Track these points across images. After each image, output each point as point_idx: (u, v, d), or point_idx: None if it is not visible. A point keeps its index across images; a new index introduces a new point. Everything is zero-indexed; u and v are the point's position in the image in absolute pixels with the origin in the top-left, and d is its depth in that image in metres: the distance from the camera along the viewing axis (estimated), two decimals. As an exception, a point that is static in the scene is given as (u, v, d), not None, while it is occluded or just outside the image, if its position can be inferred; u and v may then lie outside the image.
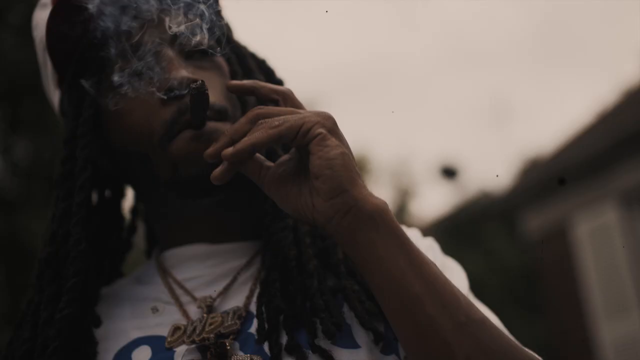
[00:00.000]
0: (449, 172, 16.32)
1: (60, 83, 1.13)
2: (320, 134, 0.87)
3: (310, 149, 0.87)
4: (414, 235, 1.15)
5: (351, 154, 0.89)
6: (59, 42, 1.07)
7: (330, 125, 0.88)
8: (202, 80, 0.94)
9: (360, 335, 0.95)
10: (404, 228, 1.17)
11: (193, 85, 0.94)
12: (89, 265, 1.03)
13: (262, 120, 0.91)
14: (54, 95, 1.15)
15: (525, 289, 10.93)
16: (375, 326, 0.93)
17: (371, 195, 0.87)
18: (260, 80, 1.09)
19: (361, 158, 18.35)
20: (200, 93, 0.94)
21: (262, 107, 0.94)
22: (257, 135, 0.88)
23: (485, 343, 0.84)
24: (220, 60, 1.09)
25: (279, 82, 1.16)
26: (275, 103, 0.97)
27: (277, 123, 0.88)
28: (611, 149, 8.44)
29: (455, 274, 1.10)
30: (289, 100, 0.96)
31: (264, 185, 0.94)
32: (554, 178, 9.46)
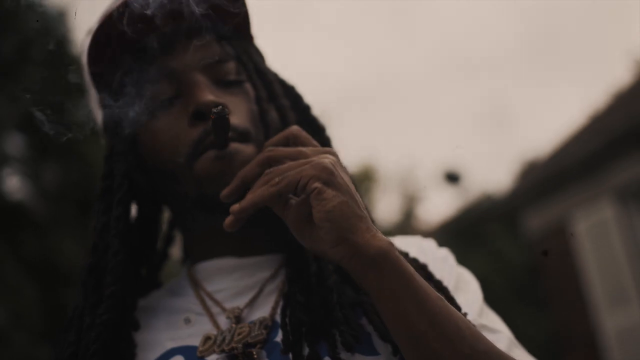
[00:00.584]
0: (453, 177, 16.27)
1: (102, 104, 1.15)
2: (315, 188, 0.87)
3: (310, 202, 0.88)
4: (429, 245, 1.15)
5: (352, 197, 0.89)
6: (98, 67, 1.10)
7: (325, 177, 0.88)
8: (222, 105, 0.96)
9: (380, 343, 0.94)
10: (420, 238, 1.17)
11: (214, 110, 0.95)
12: (127, 275, 1.04)
13: (267, 171, 0.93)
14: (98, 115, 1.18)
15: (529, 285, 10.86)
16: (393, 338, 0.92)
17: (374, 237, 0.86)
18: (285, 105, 1.12)
19: (369, 168, 18.34)
20: (220, 117, 0.95)
21: (271, 149, 0.97)
22: (259, 193, 0.91)
23: None
24: (248, 85, 1.10)
25: (306, 108, 1.17)
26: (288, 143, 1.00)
27: (277, 180, 0.90)
28: (605, 149, 8.41)
29: (470, 286, 1.10)
30: (298, 140, 0.99)
31: (287, 222, 0.95)
32: (552, 179, 9.43)
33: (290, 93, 1.17)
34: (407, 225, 17.36)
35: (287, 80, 1.19)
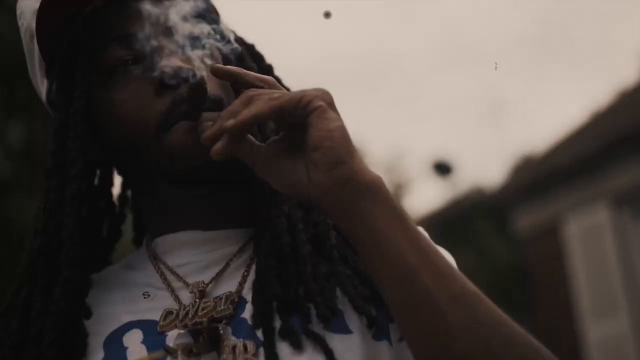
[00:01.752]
0: (443, 168, 16.35)
1: (48, 72, 1.10)
2: (320, 106, 0.89)
3: (310, 121, 0.88)
4: None
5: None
6: (48, 32, 1.05)
7: (328, 99, 0.91)
8: (202, 75, 0.94)
9: (353, 320, 0.95)
10: None
11: (193, 81, 0.94)
12: (81, 257, 1.01)
13: (250, 90, 0.92)
14: (42, 85, 1.13)
15: (515, 286, 10.95)
16: (369, 310, 0.95)
17: (368, 169, 0.89)
18: (252, 67, 1.11)
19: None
20: (199, 89, 0.94)
21: (254, 89, 0.94)
22: (258, 105, 0.89)
23: (481, 314, 0.86)
24: (214, 48, 1.06)
25: (268, 68, 1.18)
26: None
27: (276, 95, 0.90)
28: (604, 150, 8.46)
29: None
30: (274, 88, 0.96)
31: (256, 166, 0.95)
32: (546, 177, 9.47)
33: (251, 52, 1.18)
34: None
35: (245, 39, 1.18)
